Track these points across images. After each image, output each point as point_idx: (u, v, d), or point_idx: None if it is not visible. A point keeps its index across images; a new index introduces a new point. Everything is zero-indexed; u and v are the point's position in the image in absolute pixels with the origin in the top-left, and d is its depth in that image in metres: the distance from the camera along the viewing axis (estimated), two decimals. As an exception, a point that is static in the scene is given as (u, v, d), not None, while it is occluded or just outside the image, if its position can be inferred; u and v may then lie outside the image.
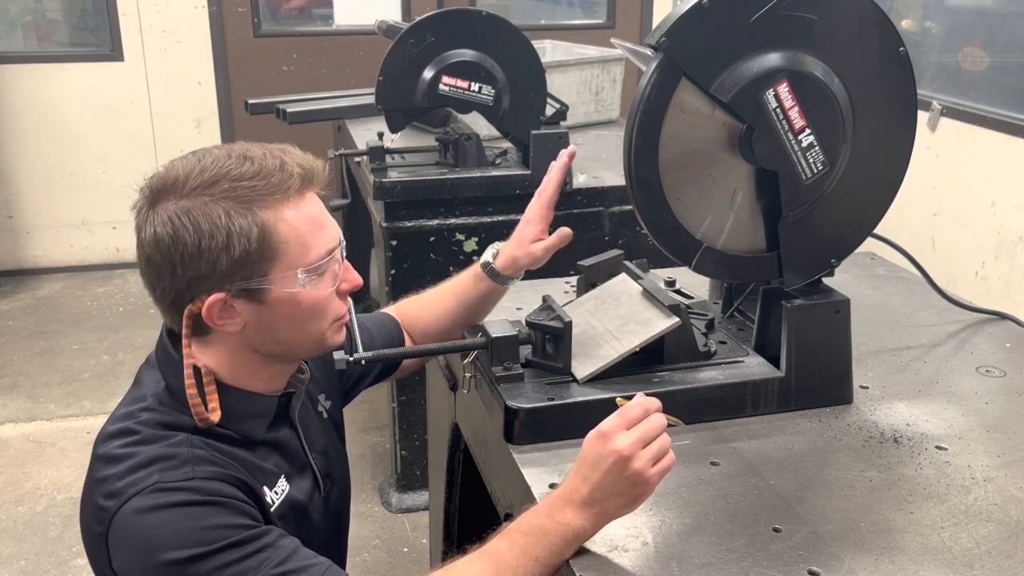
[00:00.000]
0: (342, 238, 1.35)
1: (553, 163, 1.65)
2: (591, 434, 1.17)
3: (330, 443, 1.53)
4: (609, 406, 1.20)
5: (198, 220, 1.20)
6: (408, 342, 1.72)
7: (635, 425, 1.16)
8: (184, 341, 1.28)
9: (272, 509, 1.32)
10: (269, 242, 1.23)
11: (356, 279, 1.36)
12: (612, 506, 1.16)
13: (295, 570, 1.19)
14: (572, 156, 1.65)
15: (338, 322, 1.37)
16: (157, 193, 1.23)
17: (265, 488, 1.32)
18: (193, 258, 1.21)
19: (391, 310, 1.76)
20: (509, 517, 1.37)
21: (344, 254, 1.36)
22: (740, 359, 1.59)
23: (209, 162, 1.23)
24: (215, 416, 1.28)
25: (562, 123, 3.03)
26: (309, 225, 1.27)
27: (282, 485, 1.37)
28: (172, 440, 1.25)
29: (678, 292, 1.76)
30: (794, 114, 1.41)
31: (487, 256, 1.67)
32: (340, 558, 1.56)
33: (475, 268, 1.68)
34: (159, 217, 1.22)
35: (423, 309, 1.74)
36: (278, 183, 1.23)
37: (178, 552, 1.15)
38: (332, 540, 1.53)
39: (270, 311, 1.27)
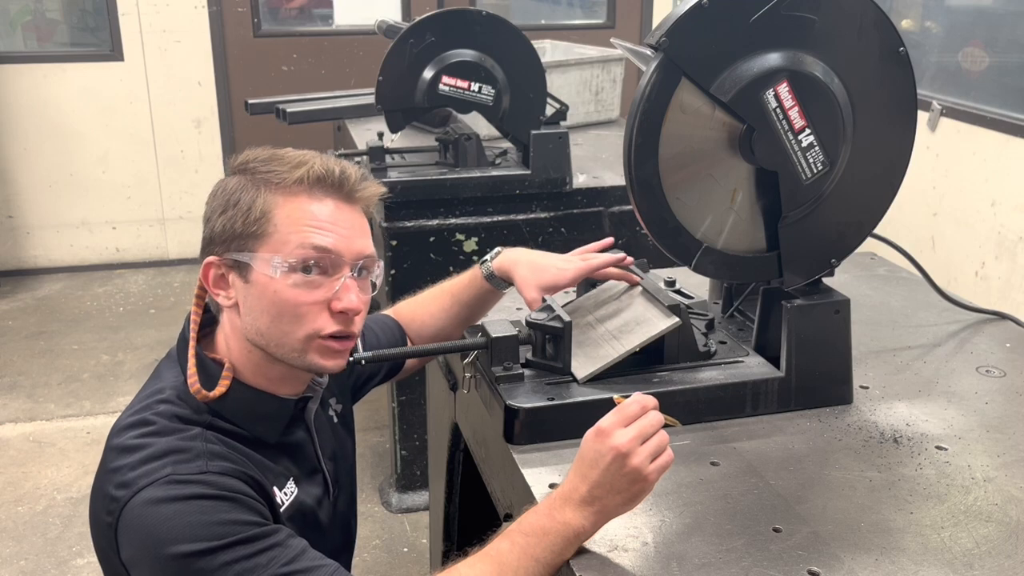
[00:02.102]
0: (365, 260, 1.32)
1: (617, 255, 1.65)
2: (589, 432, 1.18)
3: (339, 447, 1.54)
4: (609, 406, 1.20)
5: (219, 187, 1.34)
6: (407, 342, 1.73)
7: (633, 422, 1.16)
8: (196, 291, 1.37)
9: (282, 510, 1.33)
10: (262, 221, 1.28)
11: (351, 302, 1.30)
12: (611, 504, 1.16)
13: (303, 570, 1.18)
14: (623, 261, 1.66)
15: (319, 340, 1.31)
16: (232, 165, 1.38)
17: (275, 488, 1.33)
18: (208, 218, 1.33)
19: (390, 312, 1.77)
20: (509, 517, 1.37)
21: (365, 275, 1.34)
22: (740, 359, 1.59)
23: (270, 150, 1.34)
24: (214, 393, 1.29)
25: (562, 123, 3.02)
26: (308, 220, 1.28)
27: (291, 488, 1.37)
28: (187, 433, 1.25)
29: (678, 292, 1.76)
30: (794, 114, 1.41)
31: (487, 259, 1.67)
32: (347, 566, 1.55)
33: (473, 270, 1.69)
34: None
35: (419, 307, 1.75)
36: (289, 174, 1.29)
37: (187, 545, 1.15)
38: (340, 546, 1.53)
39: (253, 292, 1.29)
